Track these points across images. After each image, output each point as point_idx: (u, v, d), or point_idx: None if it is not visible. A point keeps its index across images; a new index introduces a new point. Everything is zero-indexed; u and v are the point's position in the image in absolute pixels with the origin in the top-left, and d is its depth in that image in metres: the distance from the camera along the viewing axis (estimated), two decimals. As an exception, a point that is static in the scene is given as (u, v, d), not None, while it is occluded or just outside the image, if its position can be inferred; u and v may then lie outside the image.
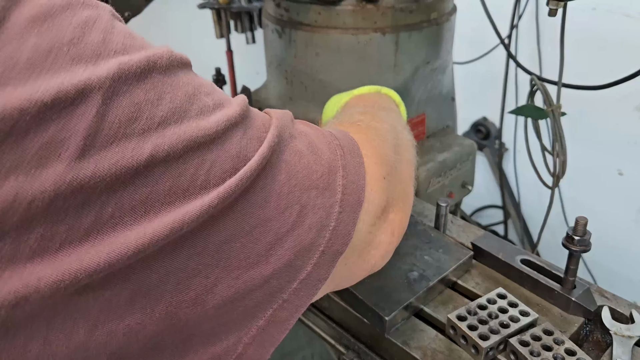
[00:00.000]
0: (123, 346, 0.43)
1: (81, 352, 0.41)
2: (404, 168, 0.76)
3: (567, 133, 1.50)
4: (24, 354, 0.39)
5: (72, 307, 0.41)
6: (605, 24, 2.15)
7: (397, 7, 1.30)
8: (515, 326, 0.84)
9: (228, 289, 0.48)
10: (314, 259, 0.54)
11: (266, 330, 0.52)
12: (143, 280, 0.43)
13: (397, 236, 0.72)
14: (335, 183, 0.57)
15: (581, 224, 0.87)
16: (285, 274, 0.52)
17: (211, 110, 0.48)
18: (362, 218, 0.60)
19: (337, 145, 0.60)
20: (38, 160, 0.38)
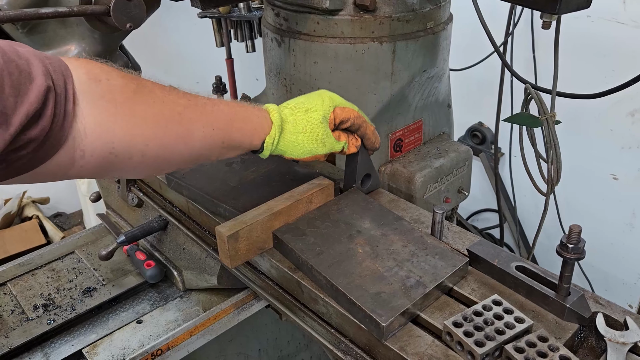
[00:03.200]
0: None
1: None
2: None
3: (561, 138, 1.53)
4: None
5: None
6: (599, 32, 2.17)
7: (394, 16, 1.32)
8: (511, 333, 0.86)
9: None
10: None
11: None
12: None
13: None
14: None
15: (575, 232, 0.88)
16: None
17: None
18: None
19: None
20: None
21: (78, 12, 0.99)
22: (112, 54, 1.14)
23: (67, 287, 1.47)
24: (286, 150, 1.06)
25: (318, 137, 1.07)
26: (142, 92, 0.86)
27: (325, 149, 1.08)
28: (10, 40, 1.06)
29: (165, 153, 0.89)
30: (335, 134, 1.10)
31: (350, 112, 1.11)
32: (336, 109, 1.09)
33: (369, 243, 1.05)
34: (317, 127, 1.06)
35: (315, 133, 1.06)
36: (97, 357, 1.25)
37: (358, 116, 1.13)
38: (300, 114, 1.06)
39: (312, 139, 1.06)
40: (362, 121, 1.14)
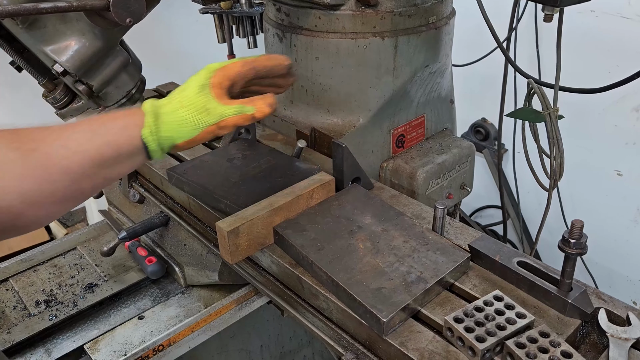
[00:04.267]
0: None
1: None
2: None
3: (565, 134, 1.52)
4: None
5: None
6: (603, 27, 2.16)
7: (396, 11, 1.32)
8: (512, 328, 0.85)
9: None
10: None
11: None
12: None
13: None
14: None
15: (577, 227, 0.88)
16: None
17: None
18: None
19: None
20: None
21: (77, 7, 0.99)
22: (112, 49, 1.14)
23: (69, 283, 1.47)
24: (173, 135, 0.96)
25: (198, 107, 0.97)
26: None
27: (212, 117, 0.97)
28: (10, 36, 1.06)
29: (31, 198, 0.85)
30: (226, 100, 0.99)
31: (234, 66, 1.02)
32: (217, 72, 1.00)
33: (370, 239, 1.05)
34: (194, 98, 0.98)
35: (195, 104, 0.97)
36: (99, 352, 1.25)
37: (243, 63, 1.03)
38: (175, 94, 0.99)
39: (193, 110, 0.97)
40: (252, 62, 1.03)
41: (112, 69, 1.14)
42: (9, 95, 3.19)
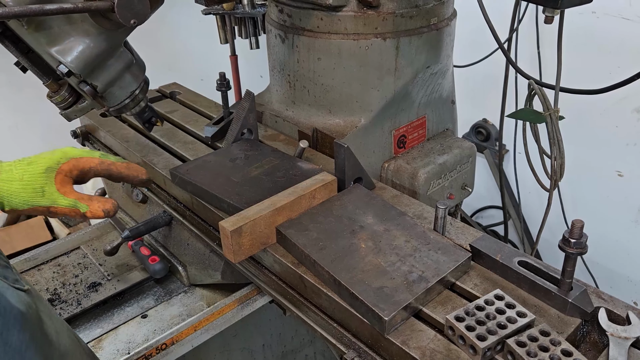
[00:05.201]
0: None
1: None
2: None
3: (566, 134, 1.52)
4: None
5: None
6: (604, 28, 2.17)
7: (398, 12, 1.32)
8: (513, 327, 0.86)
9: None
10: None
11: None
12: None
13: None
14: None
15: (577, 227, 0.88)
16: None
17: None
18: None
19: None
20: None
21: (82, 8, 1.00)
22: (117, 50, 1.14)
23: (73, 282, 1.48)
24: (3, 201, 1.01)
25: (36, 187, 1.02)
26: None
27: (45, 200, 1.03)
28: (15, 37, 1.06)
29: None
30: (66, 189, 1.05)
31: (89, 160, 1.08)
32: (70, 161, 1.06)
33: (372, 238, 1.06)
34: (36, 177, 1.02)
35: (33, 182, 1.01)
36: (103, 351, 1.26)
37: (101, 162, 1.11)
38: (21, 164, 1.03)
39: (29, 187, 1.01)
40: (108, 165, 1.12)
41: (116, 70, 1.15)
42: (12, 96, 3.20)
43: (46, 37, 1.05)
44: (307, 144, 1.35)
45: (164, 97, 1.90)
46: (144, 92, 1.26)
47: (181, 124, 1.67)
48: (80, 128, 1.77)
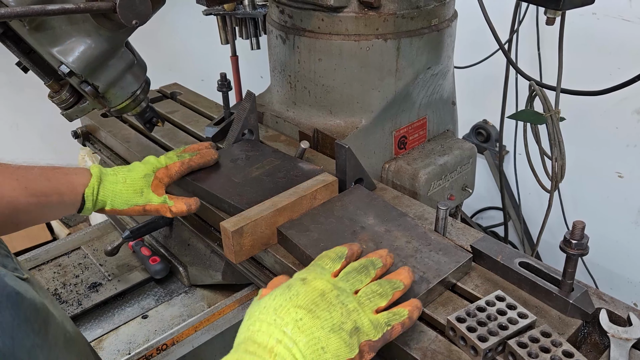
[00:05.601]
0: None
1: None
2: None
3: (567, 136, 1.53)
4: None
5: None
6: (605, 29, 2.17)
7: (399, 13, 1.33)
8: (514, 328, 0.86)
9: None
10: None
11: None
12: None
13: None
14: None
15: (578, 228, 0.88)
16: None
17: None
18: None
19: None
20: None
21: (84, 8, 1.00)
22: (118, 50, 1.14)
23: (73, 283, 1.48)
24: (106, 201, 1.16)
25: (136, 188, 1.17)
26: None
27: (142, 199, 1.17)
28: (17, 37, 1.07)
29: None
30: (158, 191, 1.19)
31: (174, 166, 1.23)
32: (162, 170, 1.22)
33: (373, 239, 1.06)
34: (137, 181, 1.18)
35: (134, 185, 1.17)
36: (103, 351, 1.26)
37: (182, 163, 1.25)
38: (122, 170, 1.19)
39: (131, 189, 1.17)
40: (188, 163, 1.25)
41: (118, 70, 1.15)
42: (13, 96, 3.20)
43: (48, 38, 1.05)
44: (308, 144, 1.36)
45: (164, 97, 1.90)
46: (145, 92, 1.26)
47: (182, 125, 1.67)
48: (81, 128, 1.77)
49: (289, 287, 0.78)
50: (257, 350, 0.71)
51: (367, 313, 0.79)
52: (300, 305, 0.74)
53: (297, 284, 0.78)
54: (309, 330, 0.73)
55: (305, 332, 0.72)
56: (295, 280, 0.80)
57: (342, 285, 0.80)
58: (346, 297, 0.79)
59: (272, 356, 0.70)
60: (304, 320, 0.73)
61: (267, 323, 0.73)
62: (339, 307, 0.77)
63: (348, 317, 0.77)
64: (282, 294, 0.77)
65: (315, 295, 0.77)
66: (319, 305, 0.75)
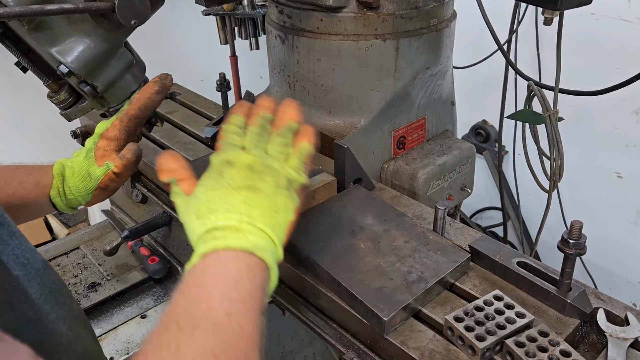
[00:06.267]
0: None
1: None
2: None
3: (566, 136, 1.53)
4: None
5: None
6: (604, 29, 2.17)
7: (398, 13, 1.33)
8: (512, 327, 0.86)
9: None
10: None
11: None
12: None
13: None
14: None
15: (576, 228, 0.89)
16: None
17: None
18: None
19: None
20: None
21: (83, 8, 1.00)
22: (117, 50, 1.15)
23: (72, 282, 1.48)
24: (77, 198, 1.10)
25: (83, 173, 1.10)
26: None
27: (92, 181, 1.10)
28: (16, 37, 1.07)
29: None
30: (101, 161, 1.11)
31: (112, 127, 1.13)
32: (101, 137, 1.13)
33: (371, 239, 1.06)
34: (81, 164, 1.11)
35: (81, 170, 1.10)
36: (102, 351, 1.26)
37: (120, 117, 1.13)
38: (72, 161, 1.11)
39: (79, 177, 1.10)
40: (125, 112, 1.14)
41: (117, 70, 1.15)
42: (12, 96, 3.20)
43: (46, 38, 1.05)
44: (307, 144, 1.35)
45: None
46: (144, 92, 1.26)
47: (181, 125, 1.67)
48: (80, 128, 1.77)
49: (221, 174, 0.82)
50: (226, 234, 0.75)
51: (287, 164, 0.87)
52: (240, 187, 0.80)
53: (227, 169, 0.82)
54: (257, 203, 0.79)
55: (256, 205, 0.79)
56: (221, 165, 0.83)
57: (257, 153, 0.86)
58: (266, 160, 0.85)
59: (243, 233, 0.75)
60: (249, 197, 0.79)
61: (222, 212, 0.77)
62: (268, 171, 0.83)
63: (278, 176, 0.84)
64: (218, 182, 0.81)
65: (246, 172, 0.82)
66: (253, 179, 0.81)
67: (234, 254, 0.73)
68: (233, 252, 0.73)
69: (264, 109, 0.91)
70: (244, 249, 0.74)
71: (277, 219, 0.80)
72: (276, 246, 0.79)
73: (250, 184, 0.80)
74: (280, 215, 0.81)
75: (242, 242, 0.74)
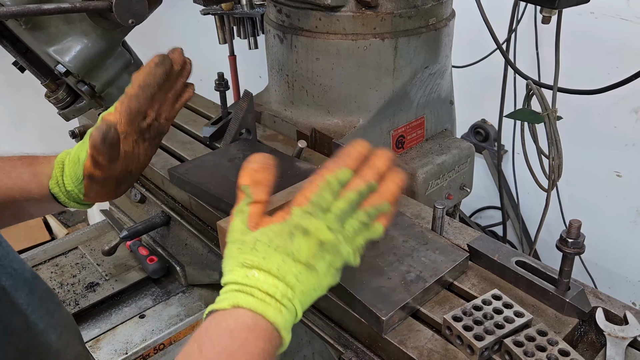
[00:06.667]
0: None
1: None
2: None
3: (565, 135, 1.53)
4: None
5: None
6: (603, 28, 2.17)
7: (396, 12, 1.33)
8: (510, 327, 0.86)
9: None
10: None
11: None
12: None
13: None
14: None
15: (575, 227, 0.88)
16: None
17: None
18: None
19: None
20: None
21: (80, 8, 1.00)
22: (115, 50, 1.15)
23: (71, 282, 1.48)
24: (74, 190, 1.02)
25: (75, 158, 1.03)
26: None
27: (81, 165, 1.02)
28: (13, 36, 1.07)
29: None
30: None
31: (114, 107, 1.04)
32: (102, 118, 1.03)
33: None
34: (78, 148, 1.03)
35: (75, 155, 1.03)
36: (101, 351, 1.26)
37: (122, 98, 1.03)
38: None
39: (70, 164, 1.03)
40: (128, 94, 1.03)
41: (115, 70, 1.15)
42: (10, 96, 3.20)
43: (44, 37, 1.05)
44: (306, 144, 1.35)
45: (162, 97, 1.90)
46: (142, 91, 1.26)
47: (179, 124, 1.66)
48: (79, 128, 1.77)
49: (292, 238, 0.75)
50: (265, 299, 0.72)
51: (353, 245, 0.79)
52: (300, 261, 0.75)
53: (300, 236, 0.76)
54: (306, 281, 0.75)
55: (304, 283, 0.75)
56: (297, 229, 0.76)
57: (336, 228, 0.77)
58: (339, 242, 0.77)
59: (279, 306, 0.72)
60: (303, 273, 0.75)
61: (272, 278, 0.73)
62: (334, 253, 0.77)
63: (339, 258, 0.78)
64: (285, 246, 0.75)
65: (315, 248, 0.76)
66: (316, 257, 0.76)
67: (265, 326, 0.71)
68: (265, 323, 0.71)
69: (373, 175, 0.80)
70: (275, 324, 0.72)
71: (313, 296, 0.77)
72: (297, 318, 0.77)
73: (311, 262, 0.75)
74: (317, 293, 0.78)
75: (278, 317, 0.71)
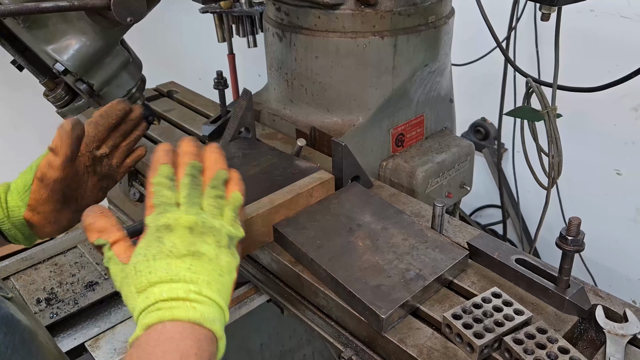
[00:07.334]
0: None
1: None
2: None
3: (565, 133, 1.52)
4: None
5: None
6: (603, 26, 2.17)
7: (396, 10, 1.32)
8: (510, 325, 0.86)
9: None
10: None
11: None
12: None
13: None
14: None
15: (574, 225, 0.88)
16: None
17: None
18: None
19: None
20: None
21: (79, 6, 1.00)
22: (113, 48, 1.14)
23: (70, 282, 1.48)
24: (14, 201, 1.03)
25: (24, 171, 1.05)
26: None
27: (33, 169, 1.04)
28: (12, 35, 1.06)
29: None
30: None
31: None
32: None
33: (369, 236, 1.06)
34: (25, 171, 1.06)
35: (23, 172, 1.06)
36: (100, 350, 1.26)
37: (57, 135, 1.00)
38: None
39: (22, 174, 1.06)
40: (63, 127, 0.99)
41: (113, 68, 1.15)
42: (9, 95, 3.20)
43: (42, 36, 1.05)
44: (305, 142, 1.35)
45: (161, 95, 1.90)
46: (141, 90, 1.26)
47: (178, 123, 1.66)
48: (78, 127, 1.77)
49: (161, 241, 0.74)
50: (172, 304, 0.70)
51: (223, 218, 0.80)
52: (183, 254, 0.74)
53: (166, 234, 0.75)
54: (201, 269, 0.73)
55: (200, 272, 0.73)
56: (160, 231, 0.76)
57: (194, 210, 0.78)
58: (206, 219, 0.78)
59: (190, 303, 0.70)
60: (193, 264, 0.73)
61: (167, 283, 0.71)
62: (209, 232, 0.77)
63: (219, 235, 0.78)
64: (160, 251, 0.73)
65: (187, 236, 0.75)
66: (195, 243, 0.75)
67: (181, 327, 0.68)
68: (180, 324, 0.68)
69: (190, 157, 0.84)
70: (191, 320, 0.69)
71: (223, 282, 0.75)
72: (223, 311, 0.74)
73: (193, 249, 0.74)
74: (225, 277, 0.76)
75: (189, 313, 0.69)
